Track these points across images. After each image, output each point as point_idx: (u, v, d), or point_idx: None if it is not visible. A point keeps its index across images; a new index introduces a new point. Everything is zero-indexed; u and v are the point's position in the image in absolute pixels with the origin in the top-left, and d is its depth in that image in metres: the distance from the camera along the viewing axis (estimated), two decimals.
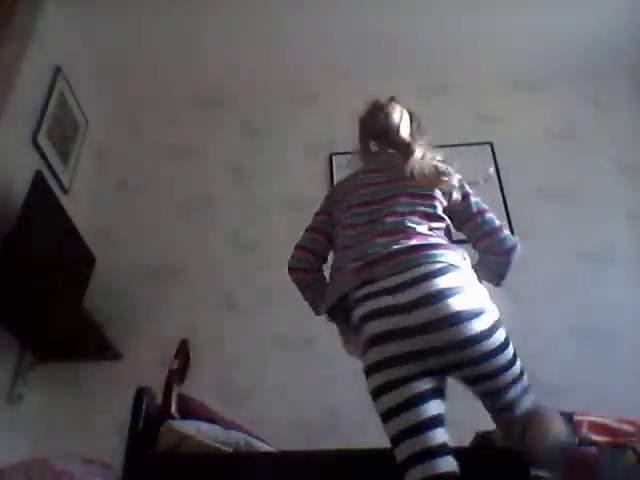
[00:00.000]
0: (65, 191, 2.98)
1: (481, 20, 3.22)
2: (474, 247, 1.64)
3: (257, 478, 1.26)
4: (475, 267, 1.54)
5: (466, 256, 1.50)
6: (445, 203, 1.59)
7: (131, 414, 1.33)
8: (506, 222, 3.06)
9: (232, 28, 3.23)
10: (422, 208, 1.53)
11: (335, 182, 3.21)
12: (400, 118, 1.80)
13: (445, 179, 1.60)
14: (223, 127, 3.55)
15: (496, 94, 3.56)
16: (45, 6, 2.91)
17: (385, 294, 1.33)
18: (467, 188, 1.69)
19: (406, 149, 1.69)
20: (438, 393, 1.30)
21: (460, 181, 1.66)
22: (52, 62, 2.96)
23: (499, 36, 3.33)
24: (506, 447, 1.36)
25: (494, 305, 1.42)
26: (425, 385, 1.27)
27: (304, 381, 2.67)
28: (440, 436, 1.23)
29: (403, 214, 1.50)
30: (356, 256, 1.45)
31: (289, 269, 1.71)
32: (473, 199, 1.66)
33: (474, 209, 1.63)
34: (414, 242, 1.41)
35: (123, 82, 3.55)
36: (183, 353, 2.07)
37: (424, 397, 1.26)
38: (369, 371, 1.32)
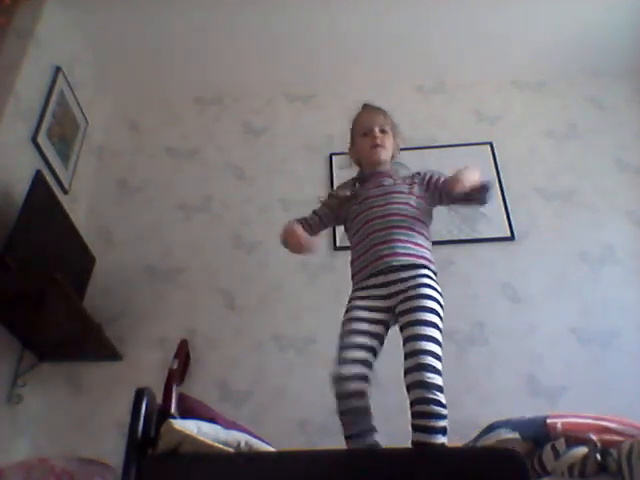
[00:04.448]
0: (65, 191, 2.98)
1: (481, 20, 3.22)
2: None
3: (257, 478, 1.26)
4: None
5: None
6: None
7: (131, 414, 1.33)
8: (506, 222, 3.07)
9: (232, 28, 3.23)
10: None
11: (335, 182, 3.22)
12: None
13: None
14: (223, 127, 3.55)
15: (496, 94, 3.56)
16: (45, 6, 2.91)
17: None
18: None
19: None
20: None
21: None
22: (52, 62, 2.96)
23: (499, 36, 3.33)
24: (506, 447, 1.36)
25: None
26: None
27: (304, 381, 2.67)
28: None
29: None
30: None
31: None
32: None
33: None
34: None
35: (123, 82, 3.55)
36: (183, 353, 2.08)
37: None
38: None
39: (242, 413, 2.47)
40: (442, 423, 1.48)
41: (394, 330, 1.71)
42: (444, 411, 1.50)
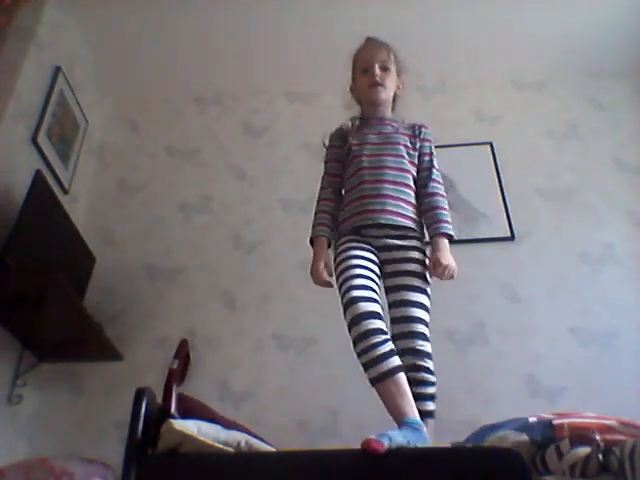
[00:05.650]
0: (65, 191, 2.98)
1: (481, 20, 3.23)
2: None
3: (258, 478, 1.26)
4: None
5: None
6: None
7: (131, 414, 1.33)
8: (506, 222, 3.07)
9: (232, 28, 3.24)
10: None
11: None
12: None
13: None
14: (223, 127, 3.55)
15: (496, 94, 3.56)
16: (45, 6, 2.91)
17: None
18: None
19: None
20: None
21: None
22: (52, 62, 2.96)
23: (499, 36, 3.33)
24: (506, 447, 1.36)
25: None
26: None
27: (304, 381, 2.67)
28: None
29: None
30: None
31: None
32: None
33: None
34: None
35: (123, 82, 3.55)
36: (183, 353, 2.07)
37: None
38: None
39: (242, 413, 2.47)
40: (432, 390, 1.49)
41: None
42: (433, 378, 1.53)
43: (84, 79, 3.30)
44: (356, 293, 1.51)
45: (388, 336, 1.49)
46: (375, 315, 1.49)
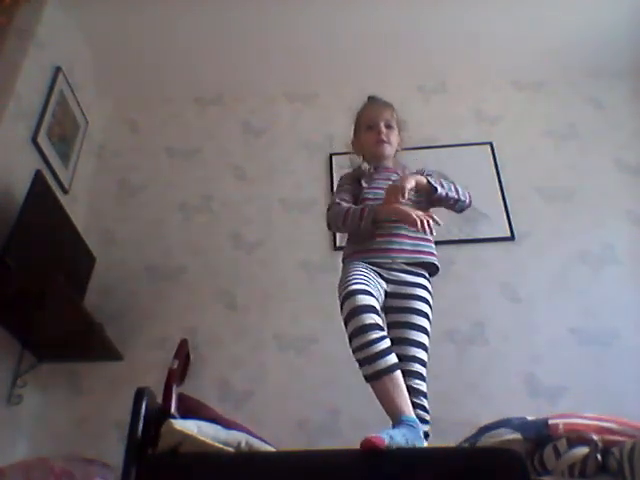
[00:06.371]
0: (65, 191, 2.98)
1: (481, 19, 3.23)
2: None
3: (258, 478, 1.26)
4: None
5: None
6: None
7: (131, 414, 1.33)
8: (506, 222, 3.07)
9: (232, 28, 3.24)
10: None
11: (335, 182, 3.22)
12: None
13: None
14: (223, 127, 3.55)
15: (496, 94, 3.56)
16: (45, 6, 2.91)
17: None
18: None
19: None
20: None
21: None
22: (52, 62, 2.96)
23: (499, 36, 3.33)
24: (506, 447, 1.36)
25: None
26: None
27: (304, 381, 2.67)
28: None
29: None
30: None
31: None
32: None
33: None
34: None
35: (123, 82, 3.55)
36: (183, 353, 2.07)
37: None
38: None
39: (242, 413, 2.47)
40: (425, 428, 1.51)
41: None
42: (427, 416, 1.55)
43: (84, 79, 3.30)
44: (355, 287, 1.53)
45: (385, 332, 1.50)
46: (372, 310, 1.50)
